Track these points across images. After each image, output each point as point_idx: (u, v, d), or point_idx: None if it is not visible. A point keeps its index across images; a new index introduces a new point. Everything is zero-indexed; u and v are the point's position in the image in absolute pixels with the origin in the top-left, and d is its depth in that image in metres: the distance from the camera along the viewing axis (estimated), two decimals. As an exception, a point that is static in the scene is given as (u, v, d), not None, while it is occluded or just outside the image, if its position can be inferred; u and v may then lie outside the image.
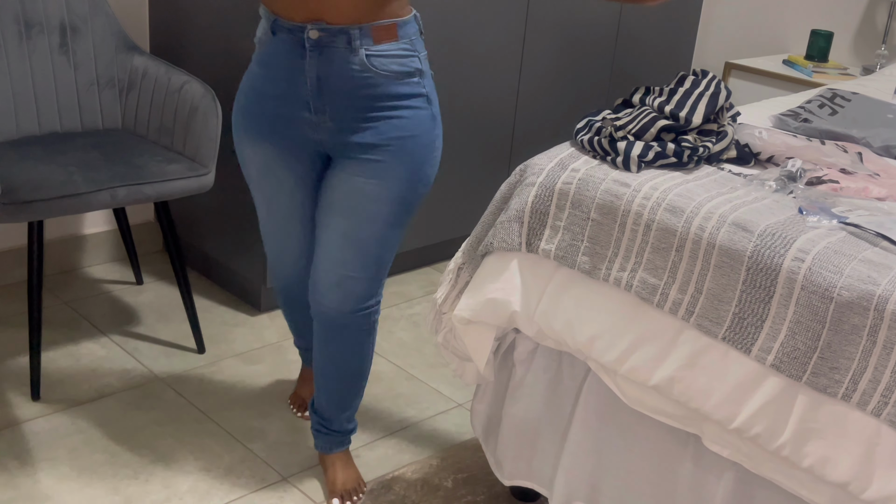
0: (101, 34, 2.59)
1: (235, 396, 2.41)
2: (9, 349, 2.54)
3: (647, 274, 1.60)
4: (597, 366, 1.71)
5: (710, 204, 1.57)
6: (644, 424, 1.71)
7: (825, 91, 2.41)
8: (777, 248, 1.46)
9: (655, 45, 3.61)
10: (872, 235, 1.50)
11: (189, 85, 2.46)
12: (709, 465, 1.64)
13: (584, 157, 1.75)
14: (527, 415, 1.88)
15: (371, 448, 2.25)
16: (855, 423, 1.41)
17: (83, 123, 2.60)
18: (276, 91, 1.75)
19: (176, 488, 2.06)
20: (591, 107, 3.40)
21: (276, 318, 2.82)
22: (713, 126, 1.78)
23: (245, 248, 2.77)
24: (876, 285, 1.38)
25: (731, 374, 1.52)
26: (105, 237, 3.04)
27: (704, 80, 1.81)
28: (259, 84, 1.78)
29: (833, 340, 1.41)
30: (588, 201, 1.67)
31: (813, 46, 3.47)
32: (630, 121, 1.75)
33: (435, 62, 2.92)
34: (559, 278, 1.72)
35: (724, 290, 1.51)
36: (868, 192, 1.69)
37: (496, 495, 2.11)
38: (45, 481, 2.04)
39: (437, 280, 3.13)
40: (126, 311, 2.79)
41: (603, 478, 1.79)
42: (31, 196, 2.14)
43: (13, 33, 2.47)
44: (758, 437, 1.49)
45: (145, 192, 2.30)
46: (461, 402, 2.46)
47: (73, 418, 2.26)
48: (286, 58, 1.71)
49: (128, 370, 2.48)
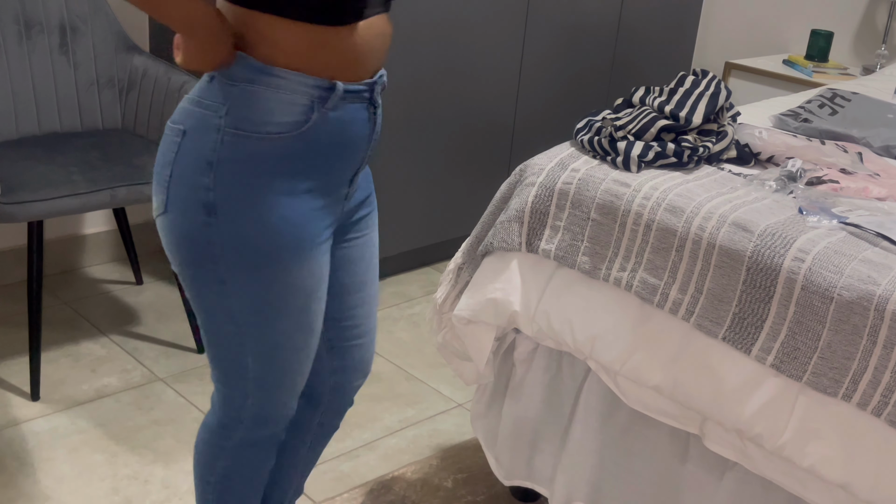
0: (101, 34, 2.59)
1: (235, 396, 2.41)
2: (9, 349, 2.54)
3: (647, 274, 1.60)
4: (597, 366, 1.71)
5: (711, 204, 1.57)
6: (644, 424, 1.71)
7: (825, 91, 2.41)
8: (777, 248, 1.46)
9: (655, 45, 3.61)
10: (872, 235, 1.50)
11: (189, 85, 2.46)
12: (709, 465, 1.64)
13: (584, 157, 1.75)
14: (527, 415, 1.88)
15: (371, 448, 2.25)
16: (855, 424, 1.41)
17: (83, 123, 2.60)
18: (318, 180, 1.29)
19: (176, 488, 2.06)
20: (591, 107, 3.40)
21: (276, 318, 2.81)
22: (713, 126, 1.78)
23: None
24: (876, 285, 1.38)
25: (731, 374, 1.52)
26: (105, 237, 3.04)
27: (704, 80, 1.81)
28: (292, 185, 1.26)
29: (833, 340, 1.41)
30: (588, 201, 1.67)
31: (813, 46, 3.47)
32: (630, 121, 1.75)
33: (435, 62, 2.93)
34: (559, 278, 1.72)
35: (725, 290, 1.51)
36: (868, 192, 1.69)
37: (496, 495, 2.11)
38: (45, 481, 2.04)
39: (437, 280, 3.13)
40: (126, 311, 2.79)
41: (603, 478, 1.79)
42: (31, 196, 2.14)
43: (13, 33, 2.47)
44: (758, 437, 1.49)
45: (145, 192, 2.30)
46: (461, 402, 2.46)
47: (73, 418, 2.26)
48: (349, 131, 1.29)
49: (128, 370, 2.48)
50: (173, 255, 1.30)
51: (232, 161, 1.22)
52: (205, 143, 1.22)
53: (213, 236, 1.25)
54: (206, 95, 1.24)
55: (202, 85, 1.25)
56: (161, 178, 1.27)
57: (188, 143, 1.24)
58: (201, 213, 1.24)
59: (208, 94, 1.23)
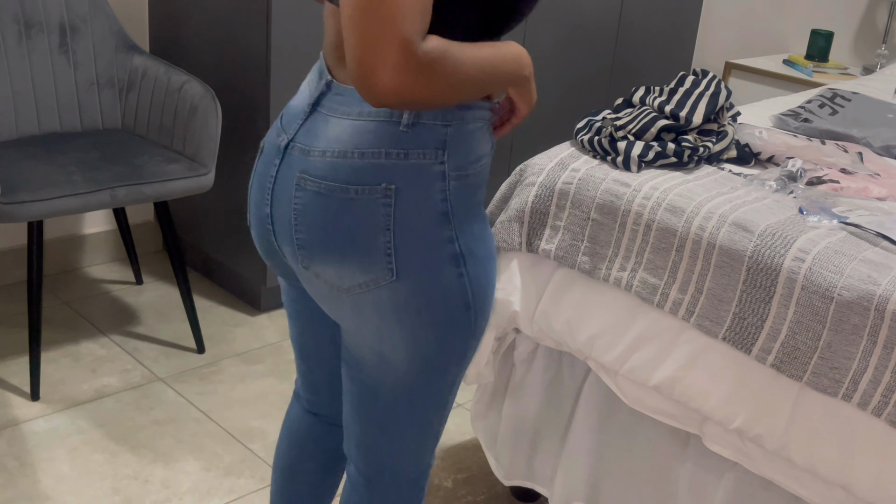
0: (101, 34, 2.59)
1: (235, 396, 2.41)
2: (9, 349, 2.54)
3: (647, 274, 1.60)
4: (597, 366, 1.71)
5: (711, 204, 1.57)
6: (644, 424, 1.71)
7: (825, 91, 2.40)
8: (777, 248, 1.46)
9: (656, 45, 3.61)
10: (873, 235, 1.50)
11: (189, 85, 2.46)
12: (709, 465, 1.64)
13: (585, 157, 1.75)
14: (527, 415, 1.88)
15: (371, 448, 2.25)
16: (855, 424, 1.41)
17: (83, 123, 2.60)
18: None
19: (176, 488, 2.06)
20: (591, 107, 3.40)
21: (276, 318, 2.82)
22: (713, 126, 1.78)
23: (245, 248, 2.76)
24: (876, 285, 1.37)
25: (731, 374, 1.52)
26: (105, 237, 3.04)
27: (704, 80, 1.81)
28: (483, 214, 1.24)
29: (833, 340, 1.41)
30: (588, 201, 1.67)
31: (813, 46, 3.47)
32: (630, 121, 1.75)
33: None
34: (559, 278, 1.72)
35: (725, 290, 1.51)
36: (868, 192, 1.69)
37: (496, 495, 2.11)
38: (45, 481, 2.04)
39: (437, 280, 3.13)
40: (126, 311, 2.79)
41: (603, 478, 1.79)
42: (31, 196, 2.14)
43: (13, 33, 2.47)
44: (758, 437, 1.49)
45: (145, 192, 2.30)
46: (461, 402, 2.46)
47: (73, 418, 2.26)
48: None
49: (128, 370, 2.48)
50: (413, 320, 1.17)
51: (463, 206, 1.14)
52: (432, 195, 1.11)
53: (466, 286, 1.17)
54: (409, 145, 1.10)
55: (392, 136, 1.10)
56: (374, 247, 1.12)
57: (406, 199, 1.11)
58: (451, 266, 1.15)
59: (413, 142, 1.10)
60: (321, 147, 1.13)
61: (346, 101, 1.13)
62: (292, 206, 1.16)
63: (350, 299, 1.16)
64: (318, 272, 1.17)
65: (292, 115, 1.21)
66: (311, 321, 1.41)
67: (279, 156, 1.19)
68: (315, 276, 1.18)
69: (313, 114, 1.16)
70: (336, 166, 1.11)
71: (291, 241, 1.18)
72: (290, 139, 1.18)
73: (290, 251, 1.20)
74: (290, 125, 1.20)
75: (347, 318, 1.20)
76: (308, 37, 2.53)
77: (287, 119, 1.21)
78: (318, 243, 1.14)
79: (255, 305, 2.85)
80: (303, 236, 1.15)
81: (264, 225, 1.24)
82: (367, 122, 1.11)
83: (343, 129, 1.12)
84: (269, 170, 1.21)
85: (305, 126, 1.17)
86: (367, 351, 1.22)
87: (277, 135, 1.22)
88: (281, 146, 1.19)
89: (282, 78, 2.52)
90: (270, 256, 1.29)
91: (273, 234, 1.23)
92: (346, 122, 1.12)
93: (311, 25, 2.53)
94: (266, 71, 2.51)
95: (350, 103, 1.12)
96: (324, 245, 1.14)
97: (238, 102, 2.65)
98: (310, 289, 1.22)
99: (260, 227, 1.26)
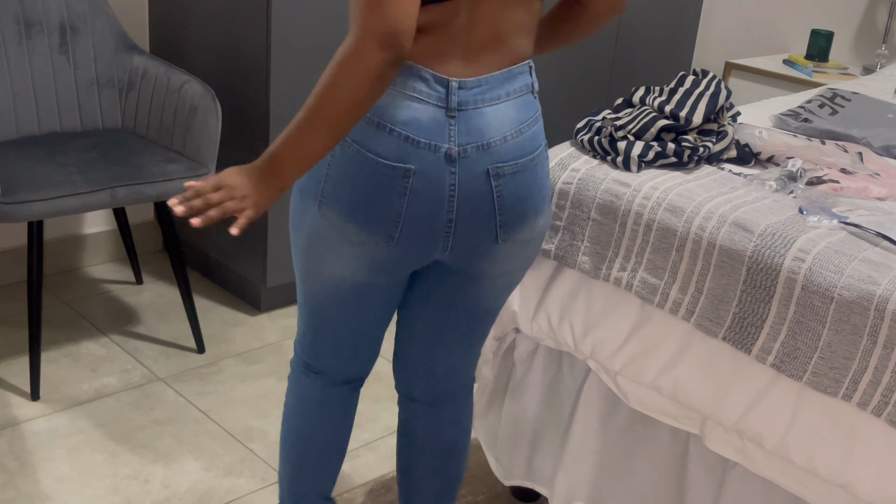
0: (101, 34, 2.59)
1: (235, 396, 2.41)
2: (9, 349, 2.54)
3: (647, 274, 1.60)
4: (597, 366, 1.71)
5: (711, 204, 1.57)
6: (644, 424, 1.71)
7: (825, 91, 2.40)
8: (777, 247, 1.46)
9: (656, 45, 3.61)
10: (873, 235, 1.50)
11: (189, 85, 2.46)
12: (709, 465, 1.64)
13: (585, 157, 1.75)
14: (527, 415, 1.88)
15: (371, 448, 2.25)
16: (855, 423, 1.41)
17: (83, 123, 2.60)
18: None
19: (176, 488, 2.06)
20: (591, 106, 3.40)
21: (276, 318, 2.82)
22: (713, 126, 1.78)
23: (245, 248, 2.76)
24: (876, 285, 1.37)
25: (731, 374, 1.52)
26: (105, 237, 3.04)
27: (704, 80, 1.81)
28: None
29: (833, 340, 1.41)
30: (588, 201, 1.67)
31: (813, 46, 3.47)
32: (630, 120, 1.75)
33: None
34: (559, 278, 1.72)
35: (725, 290, 1.51)
36: (868, 192, 1.69)
37: (496, 495, 2.10)
38: (45, 481, 2.04)
39: (437, 280, 3.13)
40: (126, 311, 2.79)
41: (603, 478, 1.79)
42: (31, 196, 2.14)
43: (13, 33, 2.47)
44: (758, 437, 1.49)
45: (145, 192, 2.30)
46: (461, 402, 2.46)
47: (72, 418, 2.26)
48: None
49: (128, 370, 2.48)
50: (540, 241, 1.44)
51: None
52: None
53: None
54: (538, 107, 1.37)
55: (532, 104, 1.35)
56: (549, 192, 1.42)
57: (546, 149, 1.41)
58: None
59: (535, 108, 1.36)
60: (496, 136, 1.29)
61: (485, 90, 1.28)
62: (493, 196, 1.31)
63: (529, 247, 1.40)
64: (514, 239, 1.37)
65: (424, 127, 1.25)
66: (389, 309, 1.51)
67: (452, 165, 1.27)
68: (509, 244, 1.36)
69: (460, 114, 1.26)
70: (518, 145, 1.31)
71: (491, 227, 1.33)
72: (458, 146, 1.27)
73: (484, 238, 1.34)
74: (437, 136, 1.26)
75: (512, 261, 1.40)
76: (308, 37, 2.53)
77: (424, 133, 1.26)
78: (520, 214, 1.34)
79: (255, 305, 2.85)
80: (506, 215, 1.33)
81: (434, 236, 1.32)
82: (515, 99, 1.31)
83: (502, 113, 1.29)
84: (444, 181, 1.28)
85: (459, 128, 1.26)
86: (505, 282, 1.45)
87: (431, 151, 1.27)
88: (446, 156, 1.26)
89: (282, 78, 2.52)
90: (409, 263, 1.36)
91: (450, 237, 1.32)
92: (500, 106, 1.29)
93: (311, 25, 2.53)
94: (266, 71, 2.51)
95: (490, 90, 1.28)
96: (524, 213, 1.35)
97: (238, 102, 2.65)
98: (473, 265, 1.38)
99: (425, 239, 1.32)
